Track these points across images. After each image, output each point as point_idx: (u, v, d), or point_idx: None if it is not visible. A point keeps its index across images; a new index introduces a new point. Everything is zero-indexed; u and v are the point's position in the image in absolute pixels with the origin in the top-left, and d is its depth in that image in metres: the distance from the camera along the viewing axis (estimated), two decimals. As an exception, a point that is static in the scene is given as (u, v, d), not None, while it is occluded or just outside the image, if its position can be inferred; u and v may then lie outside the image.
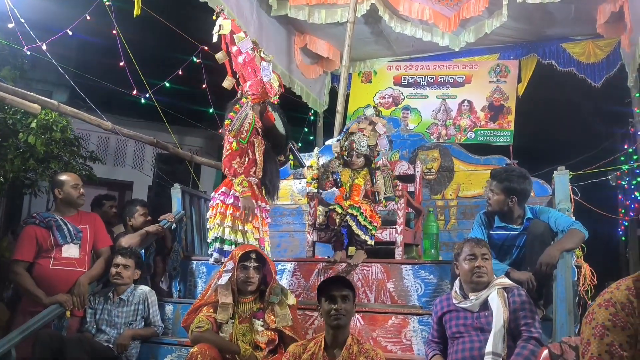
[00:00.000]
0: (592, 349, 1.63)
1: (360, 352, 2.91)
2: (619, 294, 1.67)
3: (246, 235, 3.92)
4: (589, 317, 1.69)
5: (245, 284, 3.39)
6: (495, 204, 3.71)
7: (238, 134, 3.99)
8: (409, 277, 4.16)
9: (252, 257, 3.42)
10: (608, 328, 1.63)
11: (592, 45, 7.39)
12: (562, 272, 3.31)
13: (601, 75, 7.31)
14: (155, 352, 4.02)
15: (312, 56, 8.34)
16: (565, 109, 9.26)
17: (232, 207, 3.97)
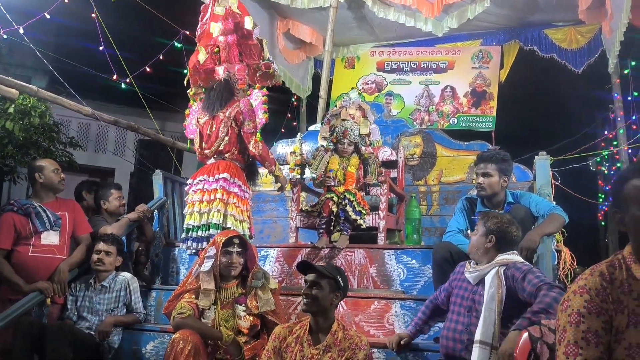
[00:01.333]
0: (568, 336, 1.64)
1: (345, 338, 2.90)
2: (592, 280, 1.68)
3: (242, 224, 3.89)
4: (564, 304, 1.70)
5: (229, 269, 3.38)
6: (490, 186, 3.67)
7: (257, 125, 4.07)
8: (392, 262, 4.18)
9: (235, 243, 3.41)
10: (583, 315, 1.64)
11: (574, 32, 7.43)
12: (543, 257, 3.35)
13: (582, 62, 7.35)
14: (137, 339, 4.00)
15: (294, 41, 8.28)
16: (547, 95, 9.31)
17: (237, 197, 3.91)
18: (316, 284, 2.95)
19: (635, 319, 1.61)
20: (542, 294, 2.52)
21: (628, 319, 1.61)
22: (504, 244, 2.88)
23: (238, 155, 4.07)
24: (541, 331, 2.21)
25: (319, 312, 2.95)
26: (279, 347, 2.98)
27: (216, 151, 4.06)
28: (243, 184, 4.00)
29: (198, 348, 3.10)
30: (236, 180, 3.94)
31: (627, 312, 1.62)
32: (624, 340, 1.60)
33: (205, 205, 3.89)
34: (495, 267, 2.80)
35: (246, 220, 3.96)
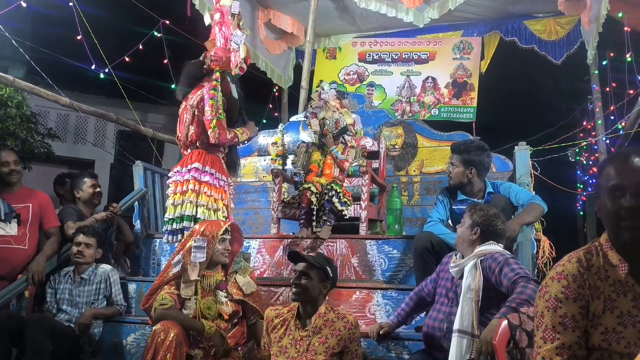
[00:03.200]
0: (546, 321, 1.66)
1: (338, 317, 2.96)
2: (570, 266, 1.70)
3: (216, 213, 3.86)
4: (542, 290, 1.72)
5: (223, 256, 3.40)
6: (456, 176, 3.75)
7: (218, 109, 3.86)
8: (373, 252, 4.20)
9: (229, 230, 3.48)
10: (561, 300, 1.66)
11: (553, 23, 7.48)
12: (522, 246, 3.38)
13: (562, 53, 7.42)
14: (118, 331, 3.98)
15: (276, 31, 8.24)
16: (527, 86, 9.38)
17: (207, 185, 3.85)
18: (305, 274, 2.99)
19: (611, 304, 1.64)
20: (521, 286, 2.53)
21: (604, 305, 1.64)
22: (489, 237, 2.89)
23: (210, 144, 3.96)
24: (520, 319, 2.24)
25: (308, 301, 3.00)
26: (267, 328, 3.06)
27: (187, 141, 4.02)
28: (217, 172, 3.92)
29: (180, 339, 3.08)
30: (208, 169, 3.87)
31: (603, 298, 1.65)
32: (600, 325, 1.63)
33: (179, 197, 3.86)
34: (474, 258, 2.82)
35: (222, 209, 3.90)
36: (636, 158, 1.64)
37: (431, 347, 2.90)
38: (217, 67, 3.93)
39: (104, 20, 6.65)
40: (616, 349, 1.59)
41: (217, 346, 3.20)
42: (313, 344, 2.88)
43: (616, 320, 1.62)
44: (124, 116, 7.12)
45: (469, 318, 2.67)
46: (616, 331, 1.60)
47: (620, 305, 1.63)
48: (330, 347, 2.86)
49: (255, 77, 7.95)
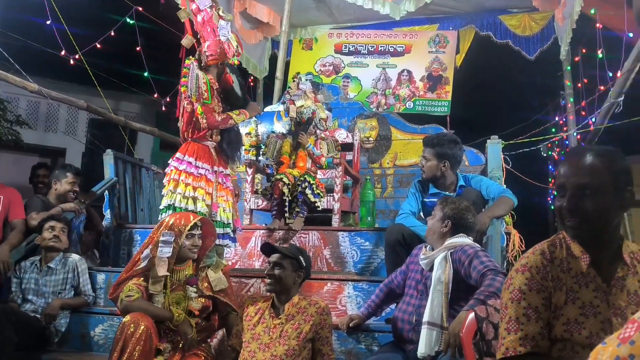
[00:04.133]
0: (510, 312, 1.68)
1: (310, 304, 2.99)
2: (534, 258, 1.73)
3: (197, 203, 3.75)
4: (507, 282, 1.74)
5: (191, 252, 3.33)
6: (429, 169, 3.76)
7: (200, 97, 3.77)
8: (345, 243, 4.21)
9: (199, 225, 3.38)
10: (524, 292, 1.68)
11: (528, 18, 7.55)
12: (492, 239, 3.41)
13: (535, 48, 7.49)
14: (85, 322, 3.93)
15: (252, 21, 8.16)
16: (501, 81, 9.45)
17: (185, 174, 3.77)
18: (279, 264, 3.01)
19: (573, 296, 1.66)
20: (489, 278, 2.55)
21: (566, 296, 1.66)
22: (459, 230, 2.91)
23: (199, 133, 3.87)
24: (487, 311, 2.26)
25: (282, 291, 3.02)
26: (241, 315, 3.09)
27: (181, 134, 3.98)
28: (199, 160, 3.82)
29: (149, 331, 3.03)
30: (186, 157, 3.81)
31: (565, 289, 1.67)
32: (562, 316, 1.65)
33: (165, 188, 3.83)
34: (444, 251, 2.83)
35: (203, 198, 3.76)
36: (582, 158, 1.67)
37: (401, 339, 2.91)
38: (215, 61, 3.86)
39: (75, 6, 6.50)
40: (578, 339, 1.61)
41: (186, 334, 3.16)
42: (286, 330, 2.91)
43: (578, 311, 1.64)
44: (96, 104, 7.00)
45: (438, 310, 2.69)
46: (578, 322, 1.63)
47: (582, 296, 1.65)
48: (302, 332, 2.89)
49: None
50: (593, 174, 1.63)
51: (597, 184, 1.62)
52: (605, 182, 1.62)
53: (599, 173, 1.63)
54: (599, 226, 1.65)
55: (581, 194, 1.63)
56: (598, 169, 1.63)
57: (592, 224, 1.64)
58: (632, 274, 1.67)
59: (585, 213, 1.62)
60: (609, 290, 1.66)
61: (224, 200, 3.89)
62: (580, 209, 1.63)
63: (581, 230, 1.66)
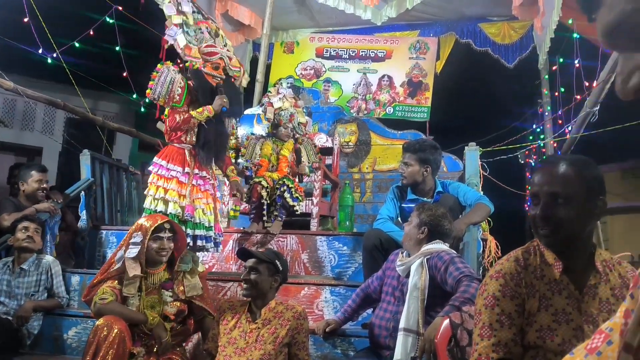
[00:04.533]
0: (483, 318, 1.69)
1: (287, 308, 2.98)
2: (508, 265, 1.74)
3: (168, 205, 3.71)
4: (482, 288, 1.76)
5: (159, 255, 3.26)
6: (410, 175, 3.76)
7: (169, 100, 3.72)
8: (323, 248, 4.21)
9: (167, 228, 3.31)
10: (498, 298, 1.69)
11: (507, 27, 7.64)
12: (468, 245, 3.44)
13: (514, 57, 7.59)
14: (59, 324, 3.88)
15: (233, 23, 8.14)
16: (480, 88, 9.55)
17: (157, 176, 3.71)
18: (254, 269, 2.99)
19: (546, 303, 1.68)
20: (465, 284, 2.56)
21: (539, 303, 1.68)
22: (435, 236, 2.93)
23: (175, 136, 3.83)
24: (462, 317, 2.27)
25: (258, 296, 3.00)
26: (218, 319, 3.06)
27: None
28: (171, 162, 3.77)
29: (123, 335, 2.99)
30: (159, 161, 3.77)
31: (538, 296, 1.69)
32: (535, 322, 1.67)
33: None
34: (420, 257, 2.84)
35: (176, 200, 3.69)
36: (555, 167, 1.69)
37: (377, 345, 2.91)
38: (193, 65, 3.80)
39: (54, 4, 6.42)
40: (550, 346, 1.63)
41: (160, 338, 3.12)
42: (262, 335, 2.89)
43: (551, 318, 1.66)
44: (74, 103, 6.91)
45: (414, 316, 2.70)
46: (551, 328, 1.65)
47: (555, 303, 1.67)
48: (279, 337, 2.88)
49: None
50: (565, 183, 1.65)
51: (569, 193, 1.64)
52: (577, 191, 1.64)
53: (571, 182, 1.65)
54: (571, 235, 1.67)
55: (554, 202, 1.65)
56: (570, 178, 1.65)
57: (564, 232, 1.66)
58: (604, 282, 1.70)
59: (558, 222, 1.65)
60: (581, 297, 1.68)
61: (204, 203, 3.82)
62: (553, 217, 1.65)
63: (553, 239, 1.68)
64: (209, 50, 3.82)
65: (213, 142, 3.91)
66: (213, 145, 3.90)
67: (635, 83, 0.67)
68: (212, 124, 3.87)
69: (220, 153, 3.97)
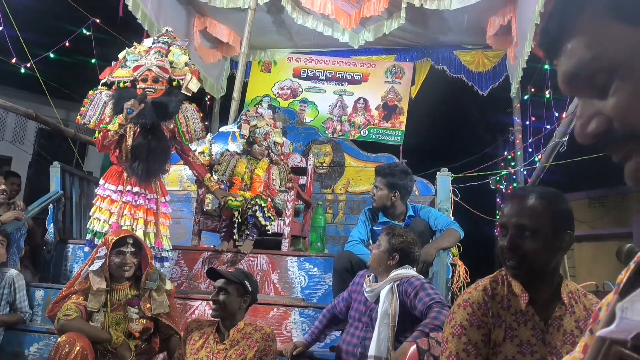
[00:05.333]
0: (450, 347, 1.70)
1: (256, 330, 2.95)
2: (476, 294, 1.76)
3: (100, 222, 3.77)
4: (450, 316, 1.76)
5: (122, 270, 3.23)
6: (379, 199, 3.79)
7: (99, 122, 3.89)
8: (294, 268, 4.19)
9: (129, 242, 3.27)
10: (465, 327, 1.70)
11: (482, 55, 7.80)
12: (438, 272, 3.46)
13: (487, 85, 7.74)
14: (20, 340, 3.79)
15: (211, 40, 8.16)
16: (454, 114, 9.69)
17: (97, 195, 3.89)
18: (223, 289, 2.96)
19: (512, 333, 1.69)
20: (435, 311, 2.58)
21: (505, 333, 1.69)
22: (405, 262, 2.93)
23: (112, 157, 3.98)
24: (429, 343, 2.28)
25: (227, 317, 2.97)
26: (185, 338, 3.02)
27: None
28: (107, 182, 3.91)
29: (85, 353, 2.93)
30: (101, 181, 3.95)
31: (504, 327, 1.70)
32: (500, 353, 1.68)
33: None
34: (389, 283, 2.84)
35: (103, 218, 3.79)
36: (523, 199, 1.71)
37: (344, 370, 2.90)
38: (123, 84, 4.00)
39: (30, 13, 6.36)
40: None
41: (124, 358, 3.08)
42: (230, 356, 2.86)
43: (516, 349, 1.67)
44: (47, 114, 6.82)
45: (385, 344, 2.69)
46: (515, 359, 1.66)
47: (520, 334, 1.69)
48: (246, 358, 2.85)
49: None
50: (533, 216, 1.67)
51: (537, 226, 1.66)
52: (544, 225, 1.66)
53: (539, 215, 1.67)
54: (537, 267, 1.69)
55: (521, 235, 1.67)
56: (539, 212, 1.67)
57: (530, 264, 1.68)
58: (569, 314, 1.71)
59: (524, 254, 1.66)
60: (545, 329, 1.69)
61: (135, 219, 3.83)
62: (519, 249, 1.67)
63: (519, 271, 1.70)
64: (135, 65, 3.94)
65: (145, 157, 3.89)
66: (145, 160, 3.88)
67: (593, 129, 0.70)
68: (145, 139, 3.88)
69: (154, 167, 3.94)
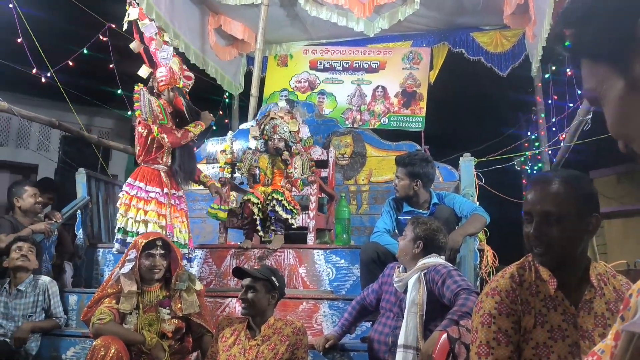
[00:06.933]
0: (480, 336, 1.69)
1: (286, 324, 2.99)
2: (503, 282, 1.74)
3: (148, 225, 3.84)
4: (477, 305, 1.75)
5: (151, 272, 3.28)
6: (402, 189, 3.78)
7: (155, 119, 3.95)
8: (321, 262, 4.20)
9: (158, 245, 3.32)
10: (494, 316, 1.69)
11: (500, 36, 7.67)
12: (465, 257, 3.44)
13: (507, 65, 7.61)
14: (57, 345, 3.86)
15: (226, 37, 8.17)
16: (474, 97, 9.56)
17: (136, 198, 3.91)
18: (251, 287, 3.00)
19: (542, 319, 1.67)
20: (463, 298, 2.57)
21: (535, 319, 1.68)
22: (431, 250, 2.93)
23: (150, 157, 4.08)
24: (459, 332, 2.27)
25: (257, 314, 3.01)
26: (217, 336, 3.06)
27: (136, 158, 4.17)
28: (149, 184, 3.99)
29: (120, 355, 2.99)
30: (136, 183, 3.98)
31: (534, 313, 1.68)
32: (532, 340, 1.66)
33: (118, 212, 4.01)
34: (417, 272, 2.84)
35: (154, 220, 3.90)
36: (547, 185, 1.68)
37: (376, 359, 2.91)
38: (165, 87, 4.06)
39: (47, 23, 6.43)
40: None
41: (159, 358, 3.13)
42: (262, 352, 2.89)
43: (547, 335, 1.65)
44: (70, 120, 6.92)
45: (413, 333, 2.70)
46: (547, 345, 1.64)
47: (551, 320, 1.67)
48: (278, 353, 2.87)
49: (206, 83, 7.85)
50: (558, 202, 1.64)
51: (562, 212, 1.63)
52: (570, 210, 1.63)
53: (563, 201, 1.64)
54: (565, 253, 1.67)
55: (547, 221, 1.64)
56: (563, 197, 1.64)
57: (558, 251, 1.65)
58: (599, 296, 1.69)
59: (551, 241, 1.64)
60: (576, 313, 1.67)
61: (179, 222, 4.05)
62: (546, 236, 1.64)
63: (547, 257, 1.67)
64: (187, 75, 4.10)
65: (188, 161, 4.12)
66: (188, 165, 4.11)
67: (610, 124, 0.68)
68: (187, 144, 4.05)
69: (194, 171, 4.30)
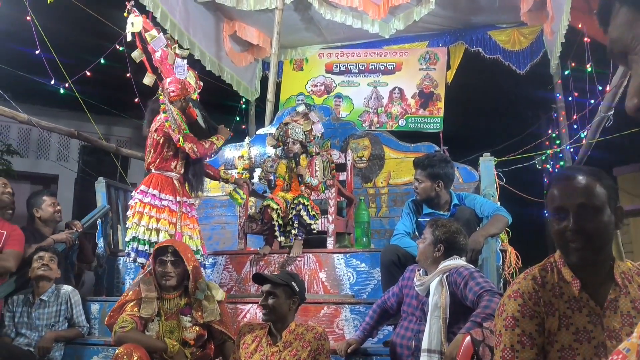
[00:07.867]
0: (504, 340, 1.65)
1: (308, 330, 2.96)
2: (525, 284, 1.70)
3: (159, 233, 3.84)
4: (500, 308, 1.72)
5: (163, 279, 3.29)
6: (423, 191, 3.72)
7: (180, 128, 3.97)
8: (341, 266, 4.17)
9: (169, 252, 3.33)
10: (517, 319, 1.65)
11: (517, 33, 7.59)
12: (488, 259, 3.38)
13: (525, 63, 7.52)
14: (80, 354, 3.88)
15: (242, 43, 8.19)
16: (493, 96, 9.48)
17: (149, 206, 3.91)
18: (271, 293, 2.98)
19: (567, 321, 1.63)
20: (486, 299, 2.52)
21: (559, 321, 1.64)
22: (452, 252, 2.88)
23: (164, 164, 4.08)
24: (483, 334, 2.22)
25: (278, 319, 2.99)
26: (238, 342, 3.04)
27: (147, 165, 4.16)
28: (162, 192, 3.99)
29: (143, 362, 3.00)
30: (150, 190, 3.97)
31: (558, 315, 1.65)
32: (557, 342, 1.62)
33: (130, 220, 4.00)
34: (439, 275, 2.79)
35: (166, 228, 3.90)
36: (577, 178, 1.66)
37: (398, 364, 2.87)
38: (177, 97, 4.08)
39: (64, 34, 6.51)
40: None
41: None
42: (284, 358, 2.87)
43: (572, 337, 1.61)
44: (88, 130, 6.98)
45: (437, 337, 2.65)
46: (572, 348, 1.60)
47: (576, 322, 1.63)
48: (300, 359, 2.84)
49: (222, 89, 7.88)
50: (593, 194, 1.63)
51: (597, 203, 1.62)
52: (604, 201, 1.63)
53: (597, 193, 1.63)
54: (602, 245, 1.65)
55: (584, 214, 1.61)
56: (596, 189, 1.64)
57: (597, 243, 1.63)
58: (624, 295, 1.65)
59: (590, 233, 1.61)
60: (602, 313, 1.63)
61: (190, 229, 4.06)
62: (586, 229, 1.61)
63: (587, 251, 1.63)
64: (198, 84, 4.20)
65: (199, 171, 4.20)
66: (199, 174, 4.14)
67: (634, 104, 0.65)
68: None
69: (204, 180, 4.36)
